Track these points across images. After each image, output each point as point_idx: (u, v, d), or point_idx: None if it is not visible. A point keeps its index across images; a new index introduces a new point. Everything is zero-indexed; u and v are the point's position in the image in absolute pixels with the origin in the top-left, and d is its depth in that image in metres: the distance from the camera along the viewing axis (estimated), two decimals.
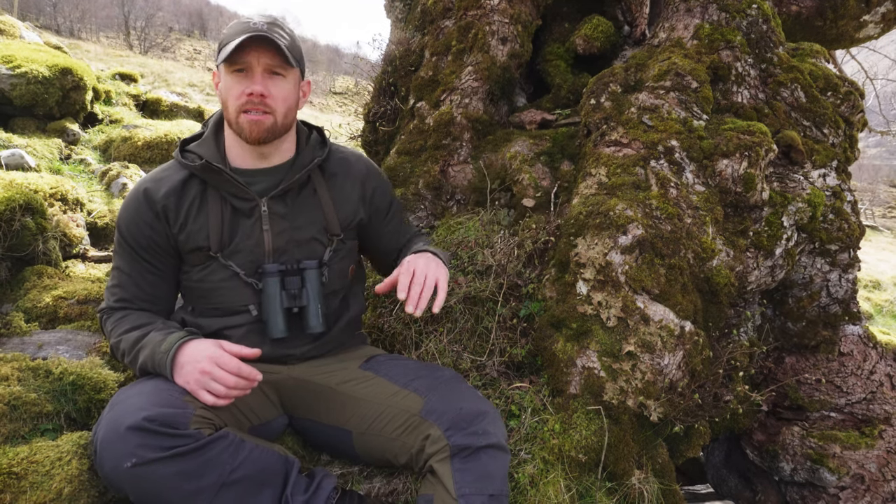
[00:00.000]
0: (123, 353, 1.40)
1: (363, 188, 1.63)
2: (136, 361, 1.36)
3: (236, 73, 1.38)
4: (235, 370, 1.28)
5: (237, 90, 1.38)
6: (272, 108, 1.40)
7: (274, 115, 1.41)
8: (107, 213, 3.34)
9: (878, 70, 7.64)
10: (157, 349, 1.33)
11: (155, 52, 32.81)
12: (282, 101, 1.41)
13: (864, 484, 1.95)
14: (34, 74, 4.28)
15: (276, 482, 1.32)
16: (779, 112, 2.18)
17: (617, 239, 1.80)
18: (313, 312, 1.50)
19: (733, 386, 1.88)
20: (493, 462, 1.32)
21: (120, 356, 1.42)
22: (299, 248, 1.52)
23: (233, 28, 1.41)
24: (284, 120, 1.44)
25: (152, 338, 1.36)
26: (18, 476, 1.24)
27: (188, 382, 1.28)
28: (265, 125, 1.40)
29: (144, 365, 1.34)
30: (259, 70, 1.38)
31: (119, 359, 1.44)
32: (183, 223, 1.45)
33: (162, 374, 1.31)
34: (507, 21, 2.52)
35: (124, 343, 1.39)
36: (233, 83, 1.39)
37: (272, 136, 1.44)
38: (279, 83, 1.41)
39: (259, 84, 1.37)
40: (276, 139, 1.47)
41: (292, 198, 1.52)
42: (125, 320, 1.44)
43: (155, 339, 1.35)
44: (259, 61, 1.37)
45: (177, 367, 1.30)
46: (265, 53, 1.37)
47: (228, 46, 1.34)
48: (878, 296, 9.21)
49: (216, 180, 1.45)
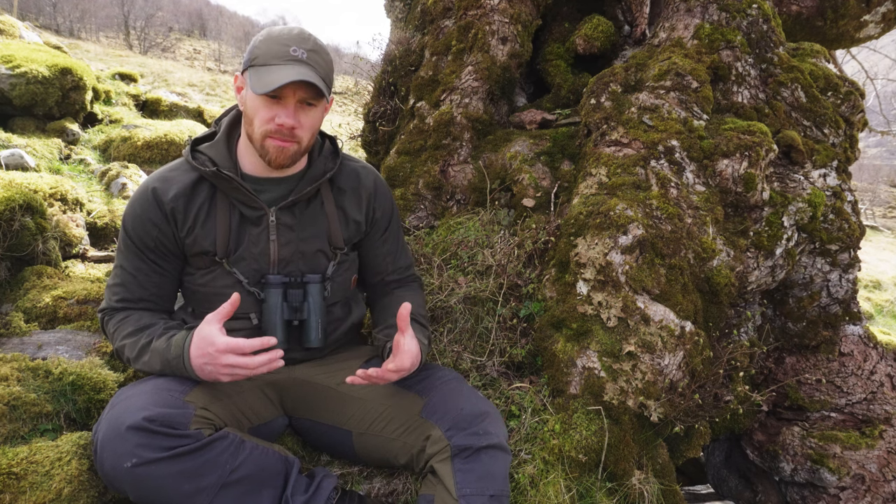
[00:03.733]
0: (129, 360, 1.39)
1: (369, 203, 1.62)
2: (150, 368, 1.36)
3: (268, 97, 1.33)
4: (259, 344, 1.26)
5: (266, 114, 1.34)
6: (299, 137, 1.38)
7: (300, 144, 1.39)
8: (106, 213, 3.33)
9: (878, 70, 7.64)
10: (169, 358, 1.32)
11: (155, 52, 32.80)
12: (309, 129, 1.40)
13: (864, 484, 1.94)
14: (34, 74, 4.28)
15: (277, 482, 1.32)
16: (779, 112, 2.18)
17: (617, 239, 1.79)
18: (313, 326, 1.49)
19: (733, 386, 1.88)
20: (494, 462, 1.31)
21: (125, 361, 1.41)
22: (304, 260, 1.50)
23: (269, 47, 1.34)
24: (308, 145, 1.43)
25: (155, 349, 1.35)
26: (18, 476, 1.24)
27: (218, 379, 1.28)
28: (290, 152, 1.38)
29: (163, 373, 1.34)
30: (293, 102, 1.34)
31: (125, 363, 1.43)
32: (191, 227, 1.43)
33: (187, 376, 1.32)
34: (507, 21, 2.52)
35: (128, 350, 1.38)
36: (261, 106, 1.34)
37: (294, 162, 1.43)
38: (310, 113, 1.38)
39: (291, 117, 1.34)
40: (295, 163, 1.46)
41: (301, 209, 1.50)
42: (127, 322, 1.43)
43: (160, 350, 1.34)
44: (295, 94, 1.33)
45: (198, 370, 1.29)
46: (301, 87, 1.33)
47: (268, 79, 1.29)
48: (878, 296, 9.21)
49: (226, 187, 1.43)
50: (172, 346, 1.32)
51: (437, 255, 2.18)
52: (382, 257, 1.68)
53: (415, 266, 1.83)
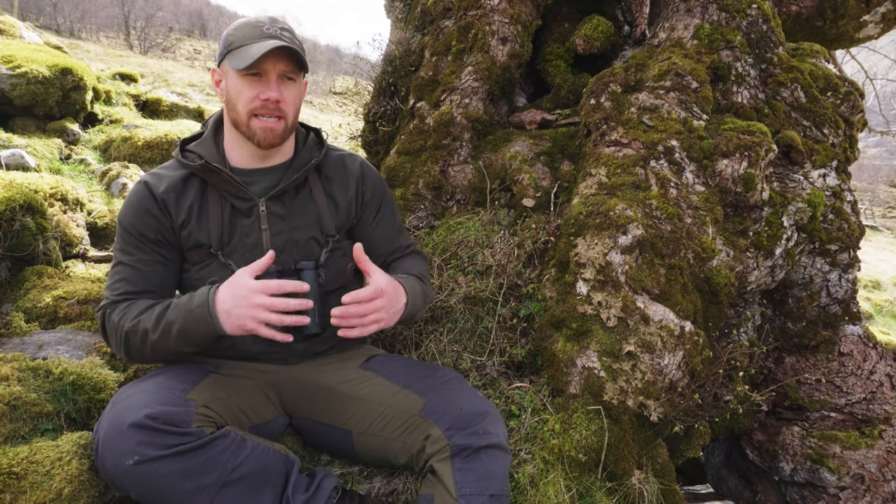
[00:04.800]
0: (146, 333, 1.32)
1: (357, 188, 1.64)
2: (168, 334, 1.30)
3: (249, 76, 1.38)
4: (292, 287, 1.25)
5: (249, 94, 1.39)
6: (285, 112, 1.42)
7: (286, 120, 1.43)
8: (107, 213, 3.33)
9: (878, 70, 7.64)
10: (192, 308, 1.28)
11: (155, 52, 32.79)
12: (292, 105, 1.44)
13: (864, 484, 1.95)
14: (34, 74, 4.28)
15: (277, 481, 1.32)
16: (779, 112, 2.18)
17: (617, 239, 1.80)
18: (310, 313, 1.49)
19: (733, 386, 1.88)
20: (494, 462, 1.32)
21: (140, 339, 1.33)
22: (297, 249, 1.52)
23: (243, 31, 1.40)
24: (293, 122, 1.47)
25: (177, 304, 1.32)
26: (18, 476, 1.24)
27: (245, 324, 1.24)
28: (278, 131, 1.42)
29: (184, 330, 1.29)
30: (274, 76, 1.39)
31: (138, 343, 1.34)
32: (185, 220, 1.46)
33: (208, 329, 1.27)
34: (507, 21, 2.52)
35: (143, 324, 1.32)
36: (244, 86, 1.39)
37: (283, 140, 1.46)
38: (291, 87, 1.43)
39: (275, 90, 1.38)
40: (284, 142, 1.49)
41: (290, 198, 1.53)
42: (133, 306, 1.38)
43: (181, 304, 1.31)
44: (275, 67, 1.38)
45: (223, 316, 1.26)
46: (281, 59, 1.38)
47: (247, 54, 1.34)
48: (878, 296, 9.21)
49: (215, 180, 1.46)
50: (196, 296, 1.30)
51: (437, 255, 2.19)
52: (379, 241, 1.68)
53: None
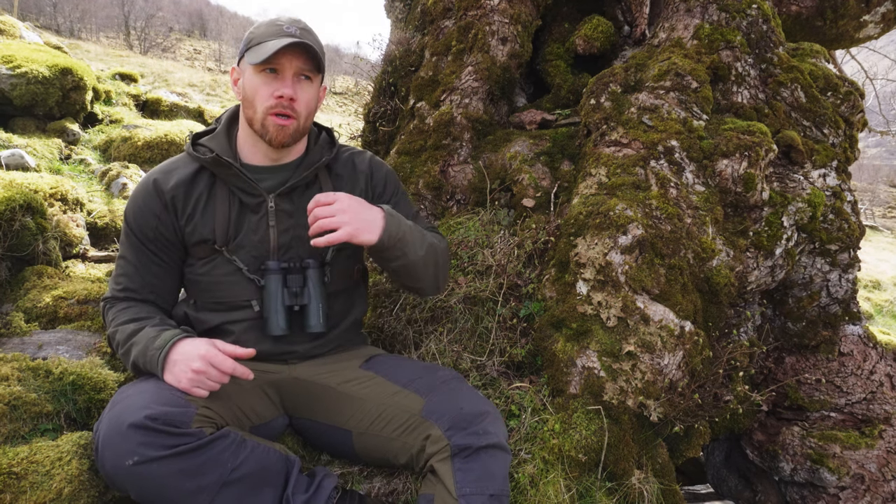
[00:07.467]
0: (118, 345, 1.40)
1: (367, 184, 1.64)
2: (128, 356, 1.36)
3: (266, 73, 1.40)
4: (230, 370, 1.28)
5: (266, 91, 1.40)
6: (297, 112, 1.43)
7: (297, 120, 1.44)
8: (107, 213, 3.34)
9: (878, 70, 7.65)
10: (151, 345, 1.32)
11: (155, 52, 32.78)
12: (305, 106, 1.45)
13: (864, 484, 1.95)
14: (34, 74, 4.28)
15: (277, 481, 1.32)
16: (779, 112, 2.18)
17: (617, 239, 1.80)
18: (314, 311, 1.50)
19: (733, 386, 1.88)
20: (494, 462, 1.32)
21: (114, 347, 1.42)
22: (304, 246, 1.52)
23: (263, 29, 1.42)
24: (305, 123, 1.48)
25: (147, 333, 1.36)
26: (18, 476, 1.24)
27: (180, 381, 1.27)
28: (289, 130, 1.43)
29: (136, 361, 1.34)
30: (290, 73, 1.40)
31: (113, 349, 1.44)
32: (191, 215, 1.47)
33: (152, 371, 1.31)
34: (507, 21, 2.52)
35: (119, 334, 1.40)
36: (261, 83, 1.40)
37: (294, 140, 1.47)
38: (306, 87, 1.44)
39: (290, 87, 1.40)
40: (296, 142, 1.50)
41: (299, 196, 1.53)
42: (126, 311, 1.45)
43: (149, 335, 1.35)
44: (292, 64, 1.40)
45: (168, 365, 1.29)
46: (298, 57, 1.40)
47: (264, 49, 1.36)
48: (878, 296, 9.21)
49: (225, 174, 1.47)
50: (161, 338, 1.33)
51: None
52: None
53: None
